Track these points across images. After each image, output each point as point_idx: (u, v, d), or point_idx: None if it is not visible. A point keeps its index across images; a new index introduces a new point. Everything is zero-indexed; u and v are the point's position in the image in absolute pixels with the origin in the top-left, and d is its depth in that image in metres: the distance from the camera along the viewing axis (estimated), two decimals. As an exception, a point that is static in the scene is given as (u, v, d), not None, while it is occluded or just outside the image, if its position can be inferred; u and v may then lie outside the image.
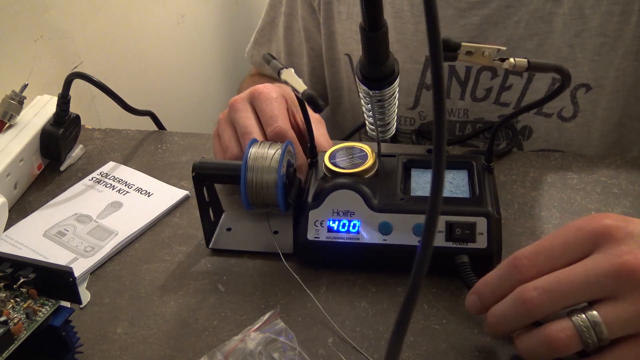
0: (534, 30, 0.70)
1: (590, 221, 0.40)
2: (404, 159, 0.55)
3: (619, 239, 0.38)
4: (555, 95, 0.46)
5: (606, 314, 0.37)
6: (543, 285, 0.38)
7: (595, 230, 0.39)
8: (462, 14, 0.71)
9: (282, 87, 0.61)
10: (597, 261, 0.38)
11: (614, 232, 0.38)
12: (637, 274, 0.36)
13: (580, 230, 0.39)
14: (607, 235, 0.38)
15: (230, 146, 0.58)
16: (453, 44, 0.41)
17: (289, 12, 0.86)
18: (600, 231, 0.39)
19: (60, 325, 0.42)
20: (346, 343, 0.46)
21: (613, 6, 0.67)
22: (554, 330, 0.38)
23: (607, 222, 0.39)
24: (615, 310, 0.37)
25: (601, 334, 0.37)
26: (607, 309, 0.37)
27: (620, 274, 0.37)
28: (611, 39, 0.68)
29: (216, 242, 0.55)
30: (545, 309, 0.38)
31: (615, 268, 0.37)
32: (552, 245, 0.40)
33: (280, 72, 0.46)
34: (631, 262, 0.37)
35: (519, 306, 0.39)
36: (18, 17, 0.72)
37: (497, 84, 0.73)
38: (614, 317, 0.37)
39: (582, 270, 0.38)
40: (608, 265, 0.37)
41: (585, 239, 0.39)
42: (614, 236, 0.38)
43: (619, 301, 0.37)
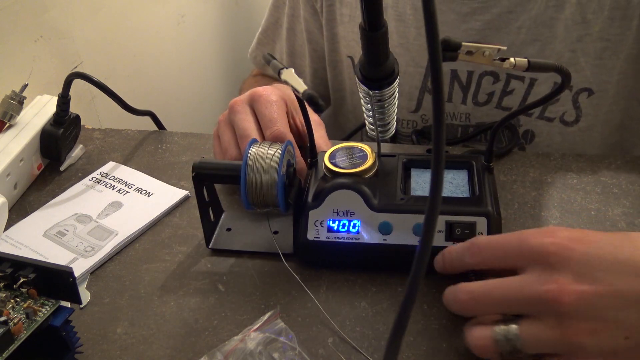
0: (535, 36, 0.70)
1: (535, 237, 0.40)
2: (403, 159, 0.55)
3: (551, 264, 0.39)
4: (555, 94, 0.46)
5: (525, 330, 0.39)
6: (474, 291, 0.42)
7: (533, 250, 0.40)
8: (464, 18, 0.71)
9: (281, 89, 0.61)
10: (525, 282, 0.40)
11: (549, 256, 0.39)
12: (556, 303, 0.38)
13: (523, 243, 0.41)
14: (541, 257, 0.39)
15: (229, 149, 0.59)
16: (453, 43, 0.41)
17: (292, 13, 0.86)
18: (537, 251, 0.40)
19: (60, 325, 0.42)
20: (346, 343, 0.46)
21: (615, 11, 0.67)
22: (475, 336, 0.41)
23: (547, 243, 0.39)
24: (533, 329, 0.39)
25: (516, 347, 0.39)
26: (527, 327, 0.39)
27: (541, 301, 0.38)
28: (613, 43, 0.68)
29: (216, 242, 0.55)
30: (472, 312, 0.43)
31: (537, 294, 0.38)
32: (498, 246, 0.43)
33: (280, 72, 0.46)
34: (553, 292, 0.38)
35: (454, 302, 0.43)
36: (18, 17, 0.72)
37: (499, 88, 0.73)
38: (531, 335, 0.39)
39: (511, 287, 0.40)
40: (531, 290, 0.39)
41: (523, 254, 0.41)
42: (548, 261, 0.39)
43: (539, 322, 0.39)
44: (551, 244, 0.39)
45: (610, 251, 0.39)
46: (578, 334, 0.37)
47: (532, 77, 0.71)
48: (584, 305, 0.37)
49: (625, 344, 0.37)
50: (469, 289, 0.42)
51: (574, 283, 0.38)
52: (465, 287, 0.43)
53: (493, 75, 0.73)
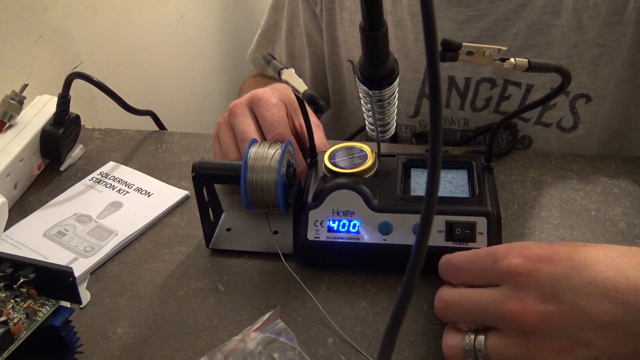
0: (532, 42, 0.70)
1: (505, 256, 0.41)
2: (403, 159, 0.55)
3: (519, 284, 0.39)
4: (556, 94, 0.46)
5: (491, 343, 0.40)
6: (447, 299, 0.43)
7: (503, 269, 0.40)
8: (461, 26, 0.71)
9: (281, 91, 0.61)
10: (494, 297, 0.40)
11: (516, 276, 0.39)
12: (519, 322, 0.38)
13: (495, 262, 0.41)
14: (510, 277, 0.40)
15: (229, 151, 0.59)
16: (454, 44, 0.41)
17: (291, 15, 0.86)
18: (506, 271, 0.40)
19: (60, 325, 0.42)
20: (346, 343, 0.46)
21: (611, 17, 0.67)
22: (447, 343, 0.42)
23: (515, 263, 0.40)
24: (499, 343, 0.39)
25: (482, 358, 0.40)
26: (493, 340, 0.40)
27: (505, 318, 0.39)
28: (609, 49, 0.68)
29: (216, 242, 0.55)
30: (445, 318, 0.44)
31: (502, 311, 0.39)
32: (472, 267, 0.43)
33: (280, 72, 0.46)
34: (517, 311, 0.38)
35: (435, 307, 0.44)
36: (18, 17, 0.72)
37: (496, 93, 0.73)
38: (497, 349, 0.39)
39: (480, 299, 0.41)
40: (498, 306, 0.39)
41: (494, 274, 0.41)
42: (515, 281, 0.39)
43: (506, 337, 0.39)
44: (519, 265, 0.39)
45: (580, 272, 0.38)
46: (544, 352, 0.37)
47: (529, 84, 0.72)
48: (548, 325, 0.37)
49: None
50: (443, 297, 0.43)
51: (539, 303, 0.38)
52: (441, 293, 0.44)
53: (490, 81, 0.73)
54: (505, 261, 0.40)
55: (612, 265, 0.38)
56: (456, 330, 0.43)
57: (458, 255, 0.45)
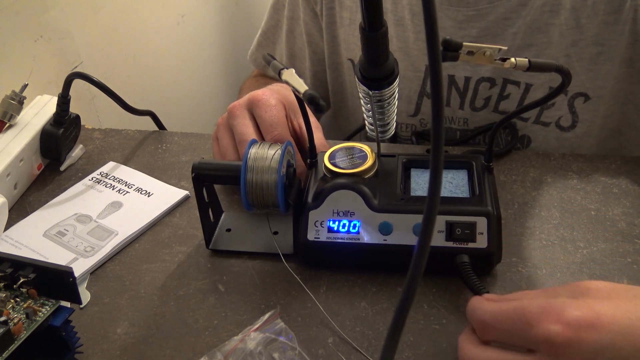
0: (531, 41, 0.70)
1: (541, 322, 0.37)
2: (403, 159, 0.55)
3: (560, 355, 0.36)
4: (556, 93, 0.46)
5: None
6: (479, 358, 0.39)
7: (539, 337, 0.37)
8: (460, 25, 0.71)
9: (280, 92, 0.61)
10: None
11: (558, 347, 0.36)
12: None
13: (528, 327, 0.37)
14: (549, 347, 0.36)
15: (227, 152, 0.59)
16: (454, 43, 0.41)
17: (291, 15, 0.86)
18: (544, 340, 0.36)
19: (60, 325, 0.42)
20: (346, 343, 0.46)
21: (609, 16, 0.67)
22: None
23: (555, 332, 0.36)
24: None
25: None
26: None
27: None
28: (607, 48, 0.68)
29: (216, 243, 0.55)
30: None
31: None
32: (502, 327, 0.39)
33: (281, 72, 0.46)
34: None
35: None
36: (18, 17, 0.72)
37: (495, 93, 0.74)
38: None
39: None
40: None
41: (529, 340, 0.38)
42: (556, 352, 0.36)
43: None
44: (558, 335, 0.36)
45: (628, 337, 0.35)
46: None
47: (528, 83, 0.72)
48: None
49: None
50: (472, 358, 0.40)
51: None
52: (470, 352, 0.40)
53: (490, 80, 0.73)
54: (542, 328, 0.36)
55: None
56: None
57: (485, 310, 0.40)
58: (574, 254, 0.52)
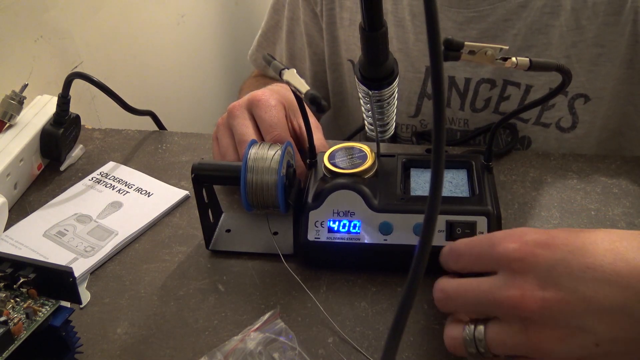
0: (531, 42, 0.70)
1: (502, 242, 0.40)
2: (403, 159, 0.55)
3: (516, 270, 0.38)
4: (556, 93, 0.46)
5: (491, 333, 0.39)
6: (447, 289, 0.42)
7: (499, 255, 0.39)
8: (461, 27, 0.71)
9: (280, 92, 0.61)
10: (492, 285, 0.39)
11: (514, 262, 0.39)
12: (520, 310, 0.37)
13: (492, 247, 0.40)
14: (507, 263, 0.39)
15: (227, 153, 0.59)
16: (456, 43, 0.40)
17: (291, 16, 0.86)
18: (503, 256, 0.39)
19: (60, 325, 0.42)
20: (346, 343, 0.46)
21: (609, 17, 0.67)
22: (447, 334, 0.42)
23: (512, 249, 0.39)
24: (500, 332, 0.39)
25: (482, 348, 0.39)
26: (493, 329, 0.39)
27: (504, 306, 0.38)
28: (607, 49, 0.68)
29: (216, 243, 0.55)
30: (444, 309, 0.43)
31: (501, 299, 0.38)
32: (472, 252, 0.43)
33: (282, 72, 0.46)
34: (516, 297, 0.37)
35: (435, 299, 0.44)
36: (18, 17, 0.72)
37: (495, 94, 0.74)
38: (497, 338, 0.39)
39: (479, 288, 0.40)
40: (497, 294, 0.39)
41: (492, 259, 0.40)
42: (511, 267, 0.39)
43: (506, 325, 0.38)
44: (515, 250, 0.39)
45: (579, 256, 0.37)
46: (545, 340, 0.37)
47: (528, 84, 0.72)
48: (548, 312, 0.37)
49: (596, 351, 0.36)
50: (442, 287, 0.43)
51: (538, 289, 0.37)
52: (440, 284, 0.43)
53: (490, 82, 0.73)
54: (502, 246, 0.40)
55: (611, 249, 0.37)
56: (457, 321, 0.42)
57: (460, 241, 0.44)
58: (574, 254, 0.52)
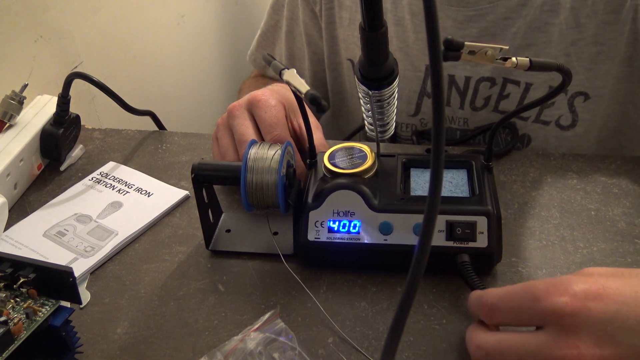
0: (530, 40, 0.70)
1: (548, 295, 0.37)
2: (403, 159, 0.55)
3: (568, 326, 0.36)
4: (556, 93, 0.46)
5: None
6: (487, 346, 0.40)
7: (547, 312, 0.37)
8: (461, 25, 0.72)
9: (280, 92, 0.62)
10: (541, 344, 0.37)
11: (565, 318, 0.36)
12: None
13: (536, 301, 0.38)
14: (557, 318, 0.37)
15: (227, 153, 0.59)
16: (456, 43, 0.40)
17: (290, 16, 0.86)
18: (552, 312, 0.37)
19: (60, 325, 0.42)
20: (346, 343, 0.46)
21: (608, 15, 0.67)
22: None
23: (562, 303, 0.36)
24: None
25: None
26: None
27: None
28: (607, 47, 0.68)
29: (216, 243, 0.55)
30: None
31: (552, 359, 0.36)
32: (509, 306, 0.40)
33: (282, 72, 0.46)
34: (571, 356, 0.35)
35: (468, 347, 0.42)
36: (18, 17, 0.72)
37: (495, 92, 0.74)
38: None
39: (525, 347, 0.38)
40: (548, 353, 0.36)
41: (537, 316, 0.38)
42: (563, 323, 0.36)
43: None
44: (566, 305, 0.36)
45: (634, 307, 0.35)
46: None
47: (528, 82, 0.72)
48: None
49: None
50: (480, 344, 0.40)
51: (594, 347, 0.35)
52: (477, 339, 0.41)
53: (490, 80, 0.73)
54: (549, 301, 0.37)
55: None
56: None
57: (492, 294, 0.41)
58: (573, 254, 0.52)
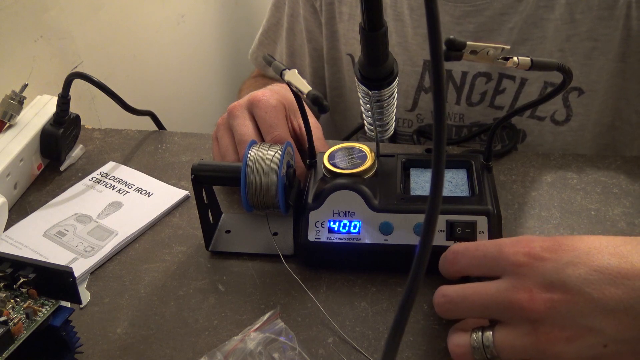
0: (526, 36, 0.70)
1: (511, 247, 0.41)
2: (402, 159, 0.55)
3: (524, 273, 0.39)
4: (557, 92, 0.46)
5: (499, 337, 0.40)
6: (450, 294, 0.43)
7: (507, 260, 0.40)
8: (458, 21, 0.72)
9: (280, 92, 0.62)
10: (499, 288, 0.40)
11: (522, 266, 0.40)
12: (528, 312, 0.38)
13: (499, 253, 0.41)
14: (515, 267, 0.40)
15: (227, 153, 0.59)
16: (458, 43, 0.40)
17: (291, 13, 0.87)
18: (511, 261, 0.40)
19: (60, 325, 0.42)
20: (346, 343, 0.46)
21: (603, 11, 0.67)
22: (454, 342, 0.42)
23: (520, 252, 0.40)
24: (508, 336, 0.39)
25: (492, 354, 0.40)
26: (501, 333, 0.40)
27: (513, 307, 0.39)
28: (601, 43, 0.69)
29: (215, 244, 0.55)
30: (449, 315, 0.44)
31: (509, 301, 0.39)
32: (475, 254, 0.43)
33: (283, 73, 0.46)
34: (523, 299, 0.38)
35: (435, 305, 0.44)
36: (18, 17, 0.72)
37: (491, 87, 0.74)
38: (506, 342, 0.39)
39: (486, 292, 0.41)
40: (504, 296, 0.39)
41: (499, 263, 0.41)
42: (520, 271, 0.39)
43: (513, 329, 0.39)
44: (524, 254, 0.40)
45: (585, 260, 0.38)
46: (553, 341, 0.37)
47: (523, 77, 0.72)
48: (556, 312, 0.37)
49: (605, 352, 0.37)
50: (445, 292, 0.43)
51: (545, 292, 0.38)
52: (443, 290, 0.43)
53: (486, 75, 0.73)
54: (510, 250, 0.41)
55: (615, 253, 0.38)
56: (462, 329, 0.43)
57: (461, 244, 0.45)
58: (574, 254, 0.52)
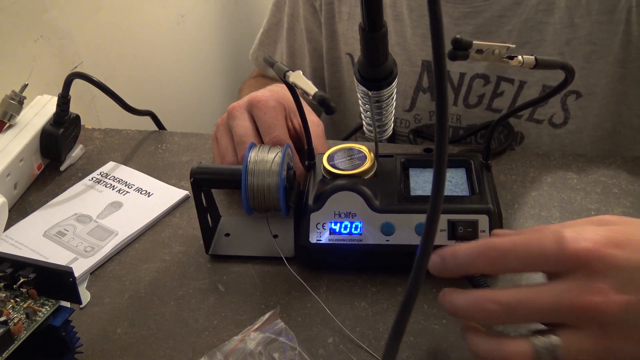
0: (525, 39, 0.70)
1: (575, 240, 0.36)
2: (402, 159, 0.55)
3: (596, 271, 0.36)
4: (559, 90, 0.46)
5: (567, 341, 0.36)
6: (505, 301, 0.37)
7: (575, 255, 0.36)
8: (457, 22, 0.72)
9: (279, 93, 0.62)
10: (566, 290, 0.36)
11: (594, 263, 0.36)
12: (602, 315, 0.35)
13: (562, 248, 0.36)
14: (585, 264, 0.36)
15: (227, 154, 0.59)
16: (465, 42, 0.40)
17: (291, 12, 0.87)
18: (581, 257, 0.36)
19: (60, 325, 0.42)
20: (347, 343, 0.46)
21: (602, 16, 0.67)
22: (513, 351, 0.37)
23: (588, 247, 0.36)
24: (576, 339, 0.36)
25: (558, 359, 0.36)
26: (568, 336, 0.36)
27: (587, 312, 0.36)
28: (600, 47, 0.69)
29: (215, 248, 0.55)
30: (502, 322, 0.40)
31: (582, 305, 0.36)
32: (528, 248, 0.38)
33: (286, 74, 0.46)
34: (599, 303, 0.35)
35: (477, 312, 0.38)
36: (18, 17, 0.72)
37: (489, 90, 0.74)
38: (574, 346, 0.36)
39: (549, 295, 0.37)
40: (575, 300, 0.36)
41: (563, 259, 0.37)
42: (592, 267, 0.36)
43: (581, 331, 0.36)
44: (594, 251, 0.36)
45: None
46: (625, 342, 0.36)
47: (522, 80, 0.72)
48: (630, 314, 0.35)
49: None
50: (497, 299, 0.38)
51: (621, 293, 0.35)
52: (492, 295, 0.38)
53: (484, 77, 0.73)
54: (580, 246, 0.36)
55: None
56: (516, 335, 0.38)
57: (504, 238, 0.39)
58: (574, 254, 0.52)
